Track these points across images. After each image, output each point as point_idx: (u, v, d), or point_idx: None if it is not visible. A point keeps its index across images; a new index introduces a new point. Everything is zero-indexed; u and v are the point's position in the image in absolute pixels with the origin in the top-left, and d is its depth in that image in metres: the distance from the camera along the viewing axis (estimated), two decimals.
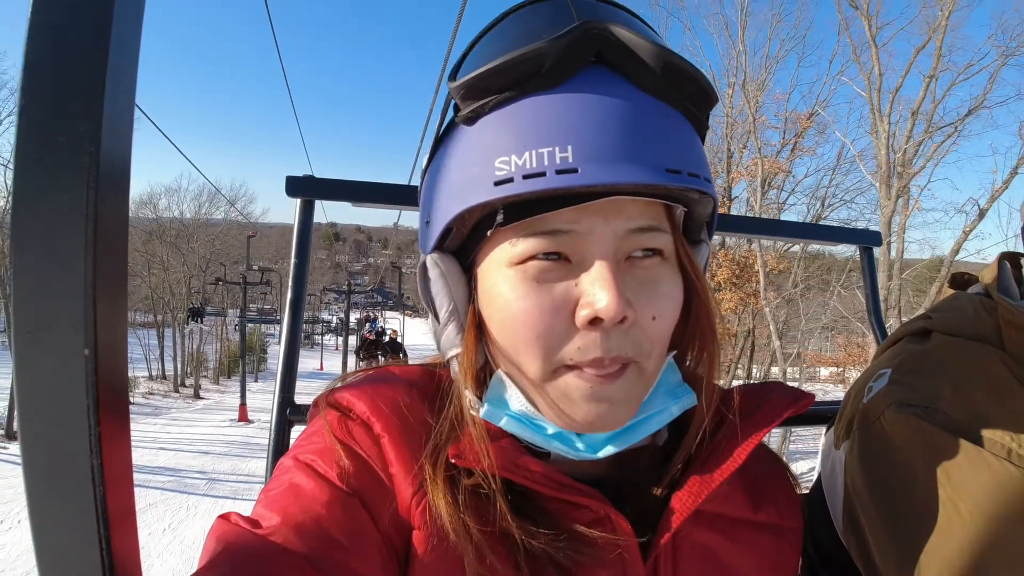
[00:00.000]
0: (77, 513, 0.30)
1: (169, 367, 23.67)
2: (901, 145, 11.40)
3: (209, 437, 13.25)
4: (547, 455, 0.47)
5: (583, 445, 0.45)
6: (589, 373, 0.41)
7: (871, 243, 1.29)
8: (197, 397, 21.74)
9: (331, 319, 43.94)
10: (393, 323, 26.71)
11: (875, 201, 12.17)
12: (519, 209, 0.41)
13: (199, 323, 23.07)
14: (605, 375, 0.41)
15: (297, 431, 0.69)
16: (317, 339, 38.97)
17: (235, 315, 24.39)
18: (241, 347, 17.99)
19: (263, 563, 0.37)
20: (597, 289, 0.39)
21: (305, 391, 0.77)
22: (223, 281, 21.09)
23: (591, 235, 0.41)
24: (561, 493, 0.43)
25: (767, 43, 13.97)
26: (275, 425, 0.86)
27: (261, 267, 21.68)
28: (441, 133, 0.48)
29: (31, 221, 0.28)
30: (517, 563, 0.42)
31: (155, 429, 13.81)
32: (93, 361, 0.29)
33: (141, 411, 16.75)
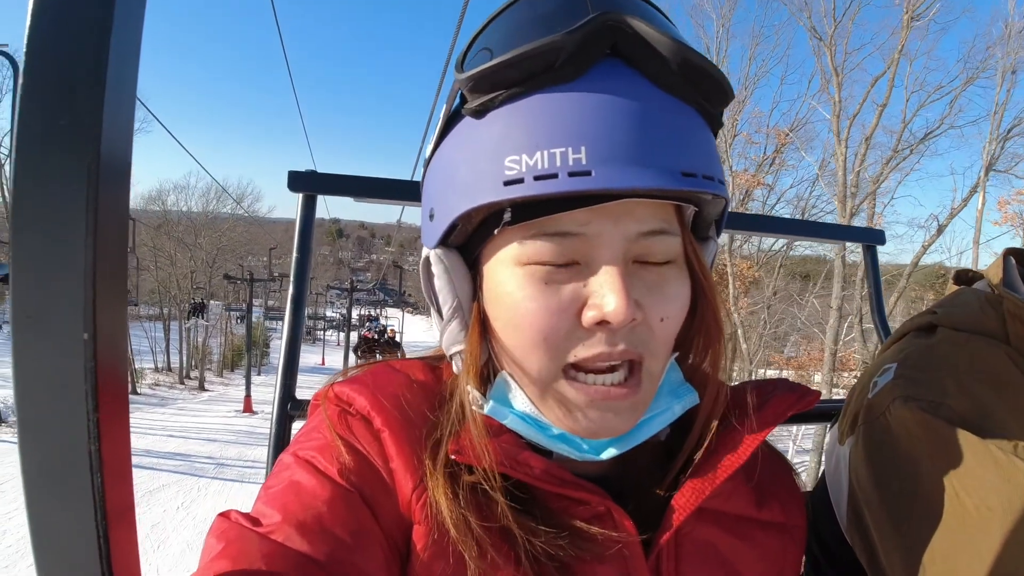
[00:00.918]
0: (75, 496, 0.30)
1: (175, 359, 23.83)
2: (854, 168, 12.88)
3: (216, 426, 13.59)
4: (549, 453, 0.47)
5: (587, 446, 0.45)
6: (595, 387, 0.41)
7: (875, 241, 1.28)
8: (202, 389, 21.99)
9: (334, 316, 44.05)
10: (393, 320, 26.73)
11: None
12: (528, 208, 0.40)
13: (201, 319, 23.20)
14: (612, 392, 0.41)
15: (298, 425, 0.69)
16: (319, 335, 39.12)
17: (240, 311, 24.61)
18: (247, 340, 18.35)
19: (264, 562, 0.37)
20: (606, 291, 0.39)
21: (306, 385, 0.77)
22: (230, 278, 21.29)
23: (600, 238, 0.40)
24: (562, 489, 0.43)
25: (747, 64, 14.89)
26: (276, 419, 0.86)
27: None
28: (446, 123, 0.46)
29: (32, 206, 0.28)
30: (518, 559, 0.41)
31: (163, 418, 14.16)
32: (92, 346, 0.29)
33: (148, 401, 17.06)
